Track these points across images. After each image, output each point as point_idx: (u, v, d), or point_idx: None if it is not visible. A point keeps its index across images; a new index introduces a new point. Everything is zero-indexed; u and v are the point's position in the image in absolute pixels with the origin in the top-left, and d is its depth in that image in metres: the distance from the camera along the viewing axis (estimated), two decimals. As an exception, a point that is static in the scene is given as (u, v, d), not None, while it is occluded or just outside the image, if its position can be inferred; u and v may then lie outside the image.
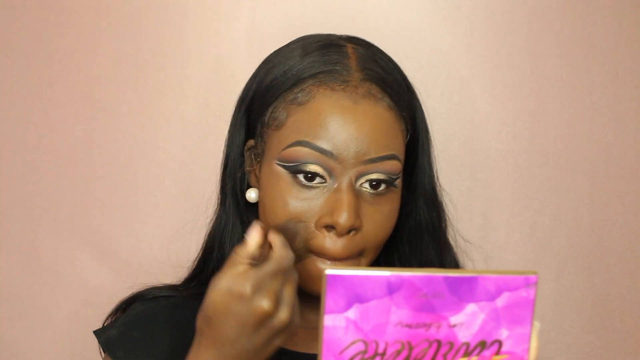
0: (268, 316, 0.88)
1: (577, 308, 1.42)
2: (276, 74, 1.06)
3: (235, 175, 1.11)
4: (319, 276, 1.01)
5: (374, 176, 1.02)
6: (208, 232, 1.16)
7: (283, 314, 0.89)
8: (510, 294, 0.78)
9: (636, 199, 1.41)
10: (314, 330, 1.06)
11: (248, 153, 1.09)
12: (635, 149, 1.41)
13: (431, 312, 0.77)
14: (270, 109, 1.05)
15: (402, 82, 1.08)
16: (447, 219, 1.17)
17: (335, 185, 1.01)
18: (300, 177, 1.01)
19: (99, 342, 1.11)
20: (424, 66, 1.38)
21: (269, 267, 0.89)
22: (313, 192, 1.01)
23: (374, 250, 1.05)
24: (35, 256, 1.43)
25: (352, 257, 1.03)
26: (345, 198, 1.00)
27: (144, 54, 1.42)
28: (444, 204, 1.16)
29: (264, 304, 0.87)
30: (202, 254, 1.16)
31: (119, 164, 1.43)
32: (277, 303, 0.88)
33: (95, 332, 1.13)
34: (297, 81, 1.03)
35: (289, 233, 0.98)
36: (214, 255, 1.13)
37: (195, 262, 1.17)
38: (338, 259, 1.02)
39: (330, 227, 1.01)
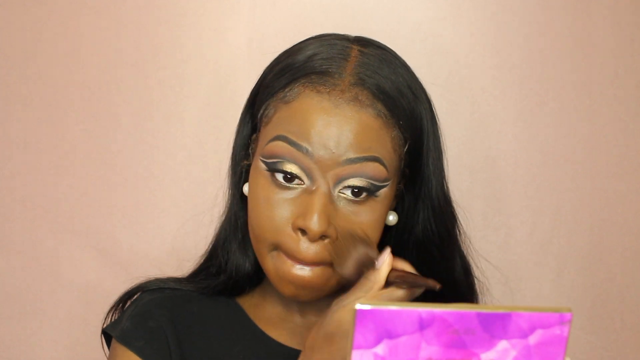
0: None
1: (577, 308, 1.42)
2: (277, 71, 1.06)
3: (237, 169, 1.11)
4: (288, 278, 1.01)
5: (353, 182, 1.00)
6: (218, 226, 1.16)
7: None
8: (544, 331, 0.77)
9: (636, 199, 1.41)
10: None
11: (252, 147, 1.09)
12: (635, 149, 1.41)
13: (462, 348, 0.76)
14: (264, 106, 1.05)
15: (405, 89, 1.05)
16: (459, 229, 1.14)
17: (313, 187, 1.00)
18: (279, 177, 1.00)
19: (114, 337, 1.09)
20: (424, 66, 1.38)
21: (400, 293, 0.92)
22: (289, 193, 1.00)
23: None
24: (35, 256, 1.43)
25: (323, 264, 1.00)
26: (317, 202, 0.99)
27: (144, 54, 1.42)
28: (456, 215, 1.13)
29: None
30: (211, 247, 1.15)
31: (119, 164, 1.43)
32: None
33: (106, 328, 1.12)
34: (291, 80, 1.03)
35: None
36: (221, 250, 1.13)
37: (205, 255, 1.16)
38: (308, 264, 1.00)
39: (304, 231, 0.99)
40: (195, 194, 1.41)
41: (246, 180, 1.08)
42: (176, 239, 1.37)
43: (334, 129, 0.99)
